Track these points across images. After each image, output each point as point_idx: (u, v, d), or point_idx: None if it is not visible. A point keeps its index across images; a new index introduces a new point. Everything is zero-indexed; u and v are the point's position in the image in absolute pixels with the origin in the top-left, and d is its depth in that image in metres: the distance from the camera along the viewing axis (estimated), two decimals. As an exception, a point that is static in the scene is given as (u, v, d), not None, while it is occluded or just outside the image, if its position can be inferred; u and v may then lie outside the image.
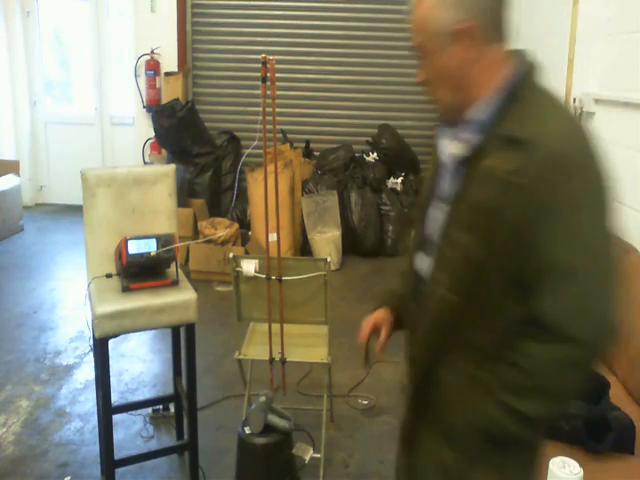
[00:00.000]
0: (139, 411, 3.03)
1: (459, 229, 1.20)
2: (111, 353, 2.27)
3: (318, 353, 2.73)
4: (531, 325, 1.13)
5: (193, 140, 5.85)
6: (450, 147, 1.26)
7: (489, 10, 1.17)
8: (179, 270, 2.40)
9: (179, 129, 5.74)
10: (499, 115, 1.18)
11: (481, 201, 1.15)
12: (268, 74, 2.47)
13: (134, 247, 2.26)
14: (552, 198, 1.10)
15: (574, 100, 3.20)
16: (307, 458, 2.50)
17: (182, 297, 2.30)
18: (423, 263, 1.32)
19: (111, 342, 2.25)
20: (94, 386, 2.69)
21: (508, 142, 1.13)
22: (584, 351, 1.12)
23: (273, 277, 2.62)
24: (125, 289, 2.28)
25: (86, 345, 3.80)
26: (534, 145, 1.09)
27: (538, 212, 1.10)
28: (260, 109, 2.55)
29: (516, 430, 1.17)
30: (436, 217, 1.29)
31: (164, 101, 6.19)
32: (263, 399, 2.38)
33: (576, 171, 1.11)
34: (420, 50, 1.24)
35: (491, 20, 1.19)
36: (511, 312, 1.17)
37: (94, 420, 2.97)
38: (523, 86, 1.21)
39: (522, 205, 1.11)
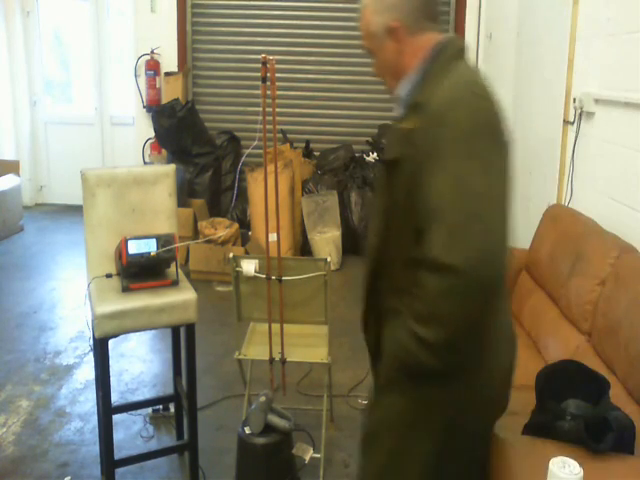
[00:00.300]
0: (139, 411, 3.03)
1: (378, 187, 1.52)
2: (111, 353, 2.27)
3: (318, 353, 2.73)
4: (423, 260, 1.29)
5: (193, 140, 5.85)
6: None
7: (412, 10, 1.45)
8: (179, 270, 2.40)
9: (179, 129, 5.74)
10: (415, 89, 1.44)
11: (388, 159, 1.43)
12: (268, 74, 2.47)
13: (134, 247, 2.26)
14: (433, 149, 1.29)
15: (574, 100, 3.20)
16: (307, 458, 2.50)
17: (182, 297, 2.30)
18: None
19: (111, 342, 2.25)
20: (94, 386, 2.69)
21: (412, 107, 1.40)
22: (462, 279, 1.23)
23: (273, 277, 2.62)
24: (125, 289, 2.28)
25: (86, 345, 3.80)
26: (425, 106, 1.35)
27: (424, 163, 1.31)
28: (260, 109, 2.55)
29: (422, 356, 1.32)
30: None
31: (164, 101, 6.19)
32: (263, 399, 2.38)
33: (453, 125, 1.29)
34: (368, 49, 1.54)
35: (415, 18, 1.46)
36: (415, 253, 1.34)
37: (94, 420, 2.97)
38: (435, 64, 1.42)
39: (414, 157, 1.33)
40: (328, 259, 2.59)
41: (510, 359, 1.51)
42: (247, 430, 2.38)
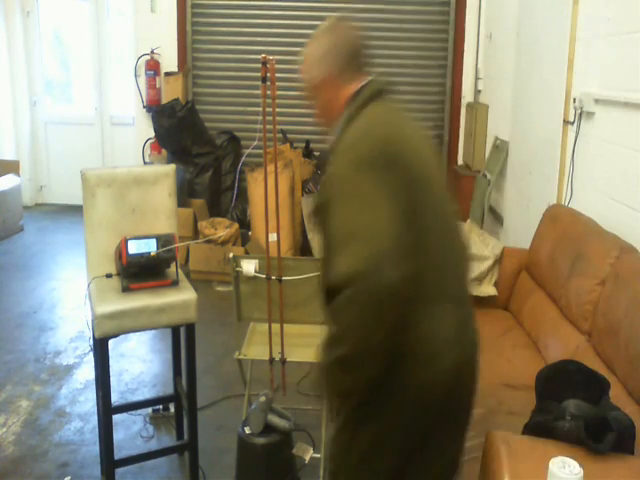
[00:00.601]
0: (139, 411, 3.03)
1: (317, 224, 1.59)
2: (111, 353, 2.27)
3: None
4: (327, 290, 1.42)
5: (193, 140, 5.85)
6: None
7: (341, 64, 1.68)
8: (179, 270, 2.40)
9: (179, 129, 5.74)
10: (340, 134, 1.59)
11: (316, 205, 1.59)
12: (268, 74, 2.47)
13: (134, 247, 2.26)
14: (327, 199, 1.47)
15: (574, 100, 3.20)
16: (307, 458, 2.50)
17: (182, 297, 2.30)
18: None
19: (111, 342, 2.25)
20: (94, 386, 2.69)
21: (332, 152, 1.57)
22: (351, 289, 1.30)
23: (273, 277, 2.62)
24: (125, 289, 2.28)
25: (86, 345, 3.80)
26: (335, 151, 1.55)
27: (327, 205, 1.46)
28: (260, 109, 2.55)
29: (335, 376, 1.40)
30: None
31: (164, 101, 6.19)
32: (263, 399, 2.38)
33: (344, 166, 1.48)
34: (308, 98, 1.77)
35: (342, 70, 1.68)
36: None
37: (94, 420, 2.97)
38: (351, 108, 1.62)
39: (323, 200, 1.50)
40: (328, 259, 2.59)
41: (455, 361, 1.50)
42: (247, 430, 2.38)
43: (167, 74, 6.32)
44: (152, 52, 6.30)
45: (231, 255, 2.66)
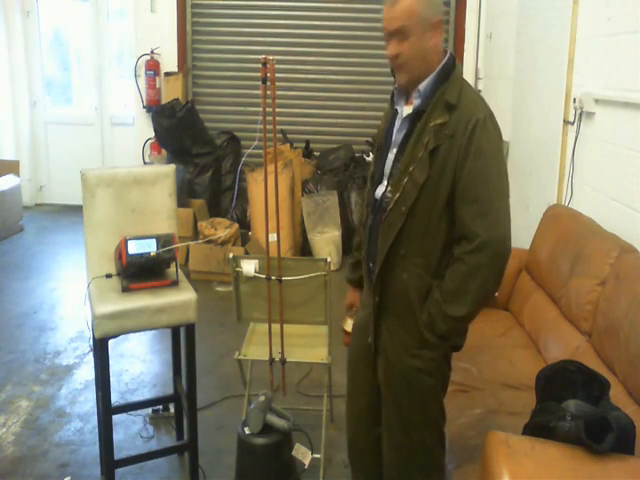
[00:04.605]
0: (139, 411, 3.03)
1: (407, 162, 1.76)
2: (111, 353, 2.27)
3: (318, 353, 2.73)
4: (461, 240, 1.71)
5: (193, 140, 5.85)
6: (405, 108, 1.83)
7: (443, 11, 1.77)
8: (179, 270, 2.40)
9: (179, 129, 5.74)
10: (433, 88, 1.76)
11: (424, 142, 1.72)
12: (268, 74, 2.47)
13: (134, 247, 2.25)
14: (466, 146, 1.68)
15: (574, 100, 3.20)
16: (307, 462, 2.48)
17: (182, 297, 2.30)
18: (380, 190, 1.87)
19: (111, 342, 2.25)
20: (94, 386, 2.68)
21: (443, 105, 1.72)
22: (496, 250, 1.69)
23: (273, 277, 2.62)
24: (125, 289, 2.28)
25: (86, 345, 3.80)
26: (456, 107, 1.71)
27: (459, 154, 1.69)
28: (260, 109, 2.55)
29: (446, 327, 1.74)
30: (390, 158, 1.86)
31: (164, 101, 6.19)
32: (262, 399, 2.38)
33: (481, 128, 1.69)
34: (402, 33, 1.72)
35: (443, 18, 1.77)
36: (444, 228, 1.75)
37: (94, 420, 2.97)
38: (447, 72, 1.78)
39: (447, 147, 1.70)
40: (328, 259, 2.59)
41: None
42: (247, 430, 2.37)
43: (167, 74, 6.33)
44: (152, 52, 6.30)
45: (231, 255, 2.66)
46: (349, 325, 2.16)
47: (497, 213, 1.68)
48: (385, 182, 1.85)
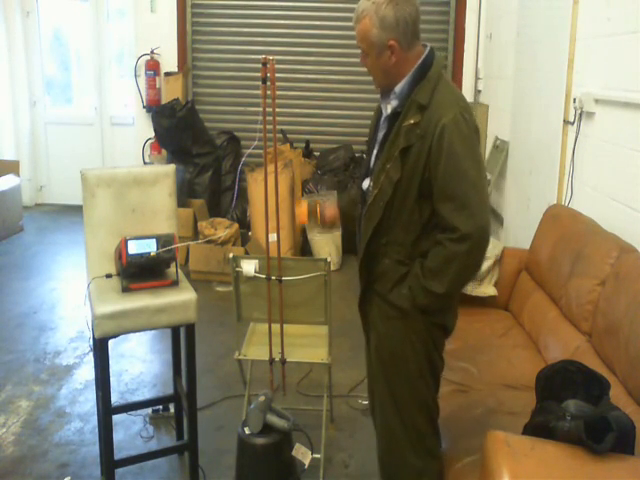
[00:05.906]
0: (139, 411, 3.03)
1: (385, 160, 1.88)
2: (111, 353, 2.27)
3: (318, 353, 2.73)
4: (445, 230, 1.83)
5: (193, 140, 5.85)
6: (388, 107, 1.96)
7: (405, 30, 1.83)
8: (179, 270, 2.40)
9: (179, 129, 5.74)
10: (409, 89, 1.87)
11: (398, 142, 1.84)
12: (268, 74, 2.47)
13: (134, 247, 2.25)
14: (437, 146, 1.78)
15: (574, 100, 3.20)
16: (307, 463, 2.48)
17: (182, 297, 2.30)
18: (366, 184, 2.01)
19: (111, 342, 2.25)
20: (94, 386, 2.68)
21: (415, 106, 1.83)
22: (475, 241, 1.79)
23: (273, 277, 2.62)
24: (125, 289, 2.28)
25: (86, 345, 3.80)
26: (427, 107, 1.81)
27: (429, 153, 1.80)
28: (260, 109, 2.55)
29: (426, 301, 1.88)
30: (374, 154, 2.00)
31: (164, 101, 6.19)
32: (262, 399, 2.38)
33: (451, 128, 1.77)
34: (362, 50, 1.91)
35: (407, 35, 1.84)
36: (417, 221, 1.88)
37: (94, 420, 2.97)
38: (424, 71, 1.87)
39: (419, 146, 1.81)
40: (328, 259, 2.59)
41: None
42: (247, 430, 2.37)
43: (167, 74, 6.33)
44: (152, 52, 6.31)
45: (231, 255, 2.66)
46: (302, 205, 2.25)
47: (474, 207, 1.78)
48: (369, 177, 2.00)
